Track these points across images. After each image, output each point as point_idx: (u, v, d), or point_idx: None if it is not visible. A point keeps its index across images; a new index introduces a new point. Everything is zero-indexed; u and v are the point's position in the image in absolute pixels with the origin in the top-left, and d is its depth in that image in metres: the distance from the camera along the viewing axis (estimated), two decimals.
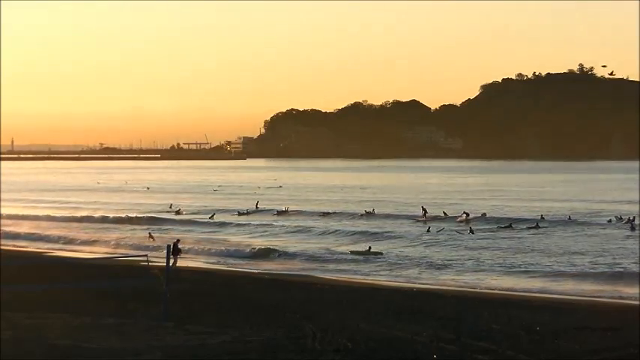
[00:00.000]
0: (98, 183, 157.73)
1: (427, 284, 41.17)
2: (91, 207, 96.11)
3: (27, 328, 22.98)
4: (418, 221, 75.55)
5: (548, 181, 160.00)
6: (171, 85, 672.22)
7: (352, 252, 53.84)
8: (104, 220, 78.94)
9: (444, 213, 79.29)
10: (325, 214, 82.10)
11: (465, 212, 77.27)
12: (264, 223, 75.34)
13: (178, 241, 50.29)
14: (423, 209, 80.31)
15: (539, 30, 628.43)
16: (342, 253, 53.80)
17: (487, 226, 69.27)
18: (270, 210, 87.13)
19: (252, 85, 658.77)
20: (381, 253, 52.70)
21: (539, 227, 68.16)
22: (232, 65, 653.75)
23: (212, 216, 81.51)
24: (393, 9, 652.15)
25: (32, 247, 59.38)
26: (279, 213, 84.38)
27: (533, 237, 62.08)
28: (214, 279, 39.93)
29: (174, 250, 46.86)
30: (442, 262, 49.56)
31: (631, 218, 68.33)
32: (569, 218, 72.80)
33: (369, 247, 54.70)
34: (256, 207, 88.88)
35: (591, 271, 45.11)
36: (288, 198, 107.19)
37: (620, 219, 71.07)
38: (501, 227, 68.64)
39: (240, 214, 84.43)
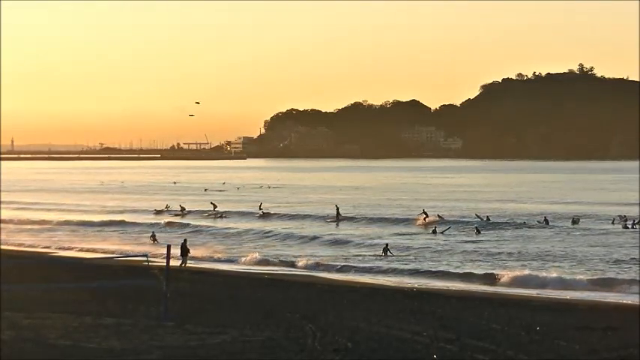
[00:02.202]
0: (102, 183, 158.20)
1: (427, 284, 41.16)
2: (91, 208, 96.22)
3: (27, 328, 22.96)
4: (329, 222, 76.11)
5: (549, 180, 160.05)
6: (171, 85, 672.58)
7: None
8: (103, 222, 78.45)
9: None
10: (265, 215, 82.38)
11: (424, 212, 75.77)
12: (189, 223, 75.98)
13: (186, 241, 49.93)
14: (337, 208, 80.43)
15: (539, 30, 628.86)
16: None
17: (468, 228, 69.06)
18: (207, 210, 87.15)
19: (252, 85, 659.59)
20: (393, 255, 52.74)
21: (547, 226, 68.66)
22: (233, 65, 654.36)
23: (222, 215, 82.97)
24: (393, 9, 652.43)
25: (32, 248, 59.35)
26: (215, 213, 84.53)
27: (536, 238, 62.14)
28: (214, 279, 39.91)
29: (183, 251, 46.85)
30: (445, 262, 49.64)
31: (635, 220, 68.05)
32: (573, 221, 72.42)
33: (387, 245, 54.66)
34: (259, 208, 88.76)
35: (592, 271, 45.11)
36: (256, 199, 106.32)
37: (624, 219, 70.99)
38: (512, 225, 69.17)
39: (182, 214, 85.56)
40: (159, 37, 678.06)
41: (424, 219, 74.00)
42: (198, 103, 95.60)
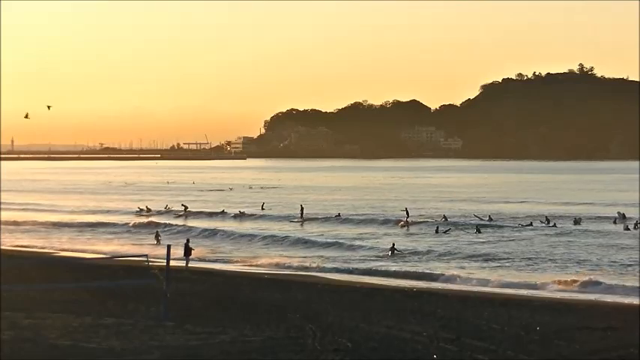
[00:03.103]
0: (110, 182, 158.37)
1: (427, 284, 41.13)
2: (91, 208, 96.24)
3: (27, 328, 22.96)
4: (292, 222, 76.03)
5: (549, 180, 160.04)
6: (172, 85, 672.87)
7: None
8: (102, 223, 78.10)
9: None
10: (241, 214, 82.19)
11: (406, 212, 75.41)
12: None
13: (189, 240, 49.73)
14: (301, 209, 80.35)
15: (539, 30, 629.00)
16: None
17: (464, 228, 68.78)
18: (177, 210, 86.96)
19: (252, 85, 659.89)
20: (401, 252, 52.84)
21: (549, 226, 68.50)
22: (233, 65, 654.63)
23: (222, 212, 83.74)
24: (393, 9, 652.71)
25: (32, 248, 59.30)
26: (185, 214, 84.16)
27: (534, 239, 62.14)
28: (214, 279, 39.90)
29: (186, 251, 46.75)
30: (448, 263, 49.65)
31: (637, 222, 67.87)
32: (575, 221, 72.18)
33: (393, 244, 54.62)
34: (262, 208, 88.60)
35: (594, 271, 45.10)
36: (238, 200, 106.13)
37: (623, 217, 70.64)
38: (520, 226, 68.94)
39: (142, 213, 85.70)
40: (159, 37, 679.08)
41: (406, 219, 73.64)
42: (49, 107, 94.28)
